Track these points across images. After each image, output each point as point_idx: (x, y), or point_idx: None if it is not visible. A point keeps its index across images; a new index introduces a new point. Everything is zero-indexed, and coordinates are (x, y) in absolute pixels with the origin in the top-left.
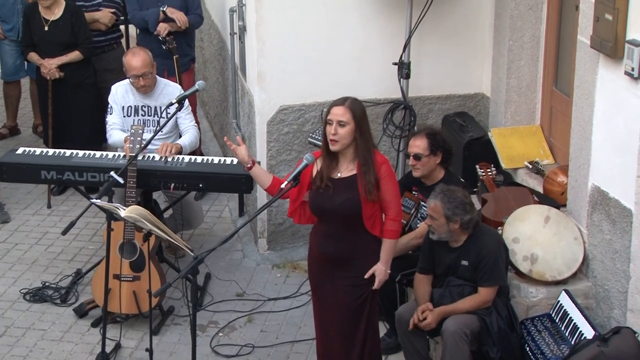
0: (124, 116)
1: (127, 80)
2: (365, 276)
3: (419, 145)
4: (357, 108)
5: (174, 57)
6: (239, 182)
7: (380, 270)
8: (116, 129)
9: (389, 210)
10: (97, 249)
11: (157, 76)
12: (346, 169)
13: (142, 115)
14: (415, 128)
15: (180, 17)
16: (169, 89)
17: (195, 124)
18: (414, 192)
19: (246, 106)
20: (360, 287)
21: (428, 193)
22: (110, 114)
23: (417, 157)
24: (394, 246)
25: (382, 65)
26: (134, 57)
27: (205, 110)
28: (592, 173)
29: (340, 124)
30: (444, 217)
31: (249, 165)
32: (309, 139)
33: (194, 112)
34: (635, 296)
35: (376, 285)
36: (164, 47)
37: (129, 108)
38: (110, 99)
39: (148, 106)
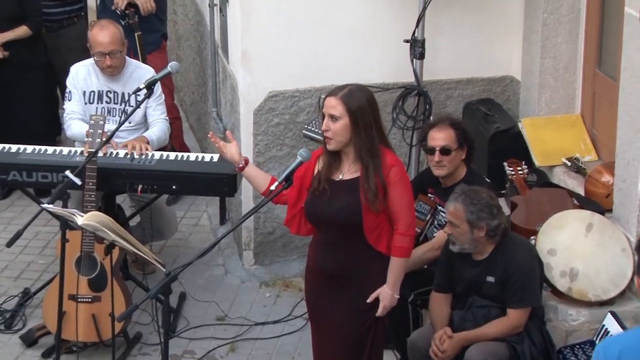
0: (86, 103)
1: (89, 60)
2: (368, 300)
3: (444, 137)
4: (353, 100)
5: (136, 34)
6: (220, 184)
7: (385, 295)
8: (75, 118)
9: (398, 222)
10: (49, 264)
11: (127, 57)
12: (349, 170)
13: (106, 102)
14: (431, 118)
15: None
16: (140, 73)
17: (166, 117)
18: (429, 195)
19: (228, 92)
20: (363, 312)
21: (447, 196)
22: (69, 100)
23: (445, 150)
24: (403, 266)
25: (391, 42)
26: (101, 31)
27: (180, 98)
28: None
29: (333, 118)
30: (467, 222)
31: (240, 165)
32: (304, 131)
33: (171, 99)
34: None
35: (380, 312)
36: (122, 23)
37: (92, 94)
38: (68, 82)
39: (114, 92)
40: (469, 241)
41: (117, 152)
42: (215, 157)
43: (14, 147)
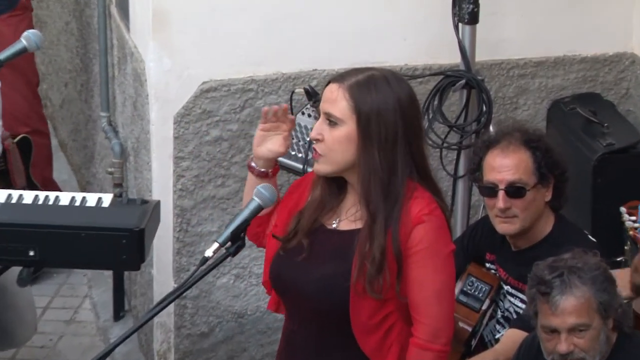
0: None
1: None
2: None
3: (514, 165)
4: (369, 94)
5: None
6: (114, 247)
7: None
8: None
9: (419, 325)
10: None
11: None
12: (350, 214)
13: None
14: (492, 129)
15: None
16: None
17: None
18: (488, 265)
19: (129, 84)
20: None
21: (520, 267)
22: None
23: (515, 190)
24: None
25: None
26: None
27: (42, 94)
28: None
29: (330, 120)
30: (598, 315)
31: (271, 170)
32: None
33: (33, 97)
34: None
35: None
36: None
37: None
38: None
39: None
40: (602, 345)
41: None
42: (107, 198)
43: None
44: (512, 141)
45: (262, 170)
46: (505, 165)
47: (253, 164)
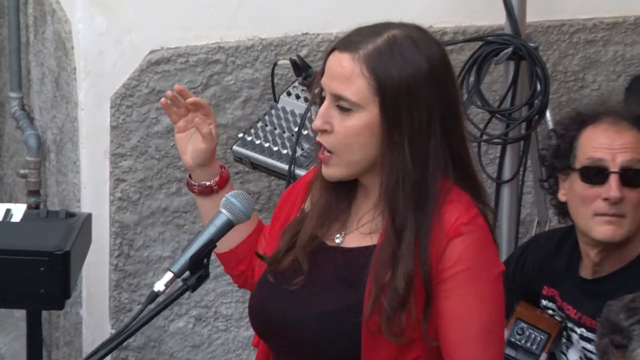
0: None
1: None
2: None
3: (632, 144)
4: (392, 66)
5: None
6: (29, 275)
7: None
8: None
9: None
10: None
11: None
12: (361, 226)
13: None
14: (549, 115)
15: None
16: None
17: None
18: (545, 303)
19: (49, 52)
20: None
21: (599, 299)
22: None
23: (632, 178)
24: None
25: None
26: None
27: None
28: None
29: (340, 104)
30: None
31: (215, 180)
32: (236, 147)
33: None
34: None
35: None
36: None
37: None
38: None
39: None
40: None
41: None
42: (18, 210)
43: None
44: (621, 118)
45: (203, 184)
46: (619, 142)
47: (191, 181)
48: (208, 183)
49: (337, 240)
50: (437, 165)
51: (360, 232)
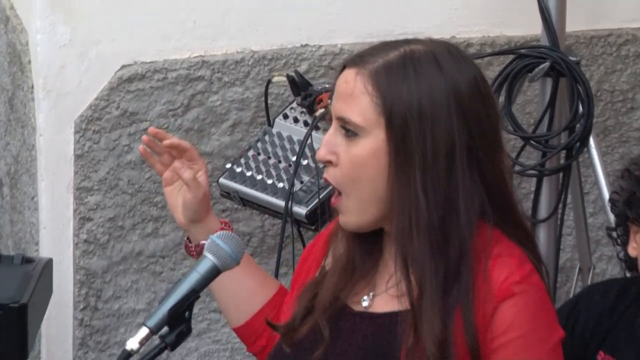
0: None
1: None
2: None
3: None
4: (402, 84)
5: None
6: None
7: None
8: None
9: None
10: None
11: None
12: (395, 284)
13: None
14: (592, 142)
15: None
16: None
17: None
18: None
19: (2, 67)
20: None
21: None
22: None
23: None
24: None
25: None
26: None
27: None
28: None
29: (346, 128)
30: None
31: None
32: (221, 180)
33: None
34: None
35: None
36: None
37: None
38: None
39: None
40: None
41: None
42: None
43: None
44: None
45: (203, 244)
46: None
47: (189, 243)
48: (204, 242)
49: (364, 304)
50: (468, 206)
51: (389, 295)
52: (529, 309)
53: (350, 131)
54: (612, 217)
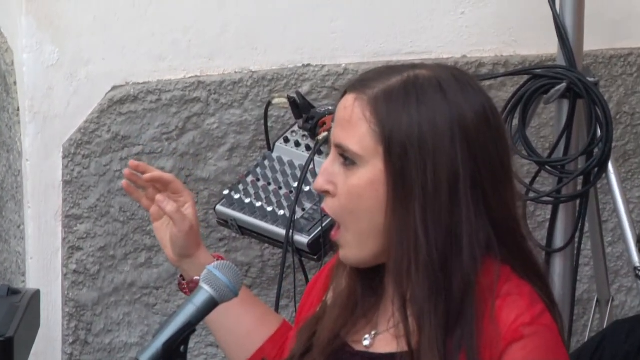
0: None
1: None
2: None
3: None
4: (402, 111)
5: None
6: None
7: None
8: None
9: None
10: None
11: None
12: (396, 324)
13: None
14: (611, 168)
15: None
16: None
17: None
18: None
19: None
20: None
21: None
22: None
23: None
24: None
25: None
26: None
27: None
28: None
29: (344, 156)
30: None
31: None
32: (218, 207)
33: None
34: None
35: None
36: None
37: None
38: None
39: None
40: None
41: None
42: None
43: None
44: None
45: (196, 279)
46: None
47: (182, 280)
48: (197, 277)
49: (366, 343)
50: (472, 241)
51: (391, 335)
52: (539, 352)
53: (348, 160)
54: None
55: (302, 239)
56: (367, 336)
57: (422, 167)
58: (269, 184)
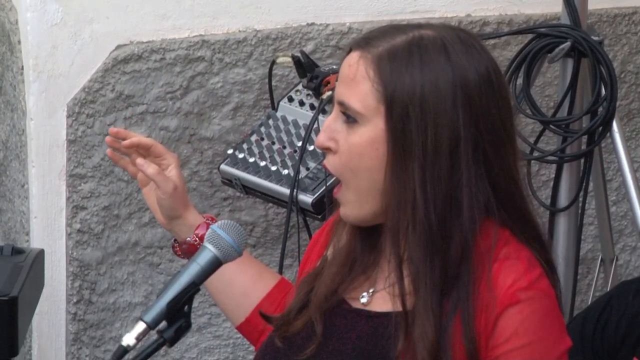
0: None
1: None
2: None
3: None
4: (404, 71)
5: None
6: None
7: None
8: None
9: None
10: None
11: None
12: (392, 284)
13: None
14: (616, 127)
15: None
16: None
17: None
18: None
19: None
20: None
21: None
22: None
23: None
24: None
25: None
26: None
27: None
28: None
29: (347, 114)
30: None
31: (195, 233)
32: (222, 167)
33: None
34: None
35: None
36: None
37: None
38: None
39: None
40: None
41: None
42: None
43: None
44: None
45: (188, 241)
46: None
47: (175, 243)
48: (189, 238)
49: (363, 300)
50: (472, 204)
51: (388, 293)
52: (535, 316)
53: (350, 117)
54: None
55: (306, 198)
56: (364, 294)
57: (423, 128)
58: (273, 143)
